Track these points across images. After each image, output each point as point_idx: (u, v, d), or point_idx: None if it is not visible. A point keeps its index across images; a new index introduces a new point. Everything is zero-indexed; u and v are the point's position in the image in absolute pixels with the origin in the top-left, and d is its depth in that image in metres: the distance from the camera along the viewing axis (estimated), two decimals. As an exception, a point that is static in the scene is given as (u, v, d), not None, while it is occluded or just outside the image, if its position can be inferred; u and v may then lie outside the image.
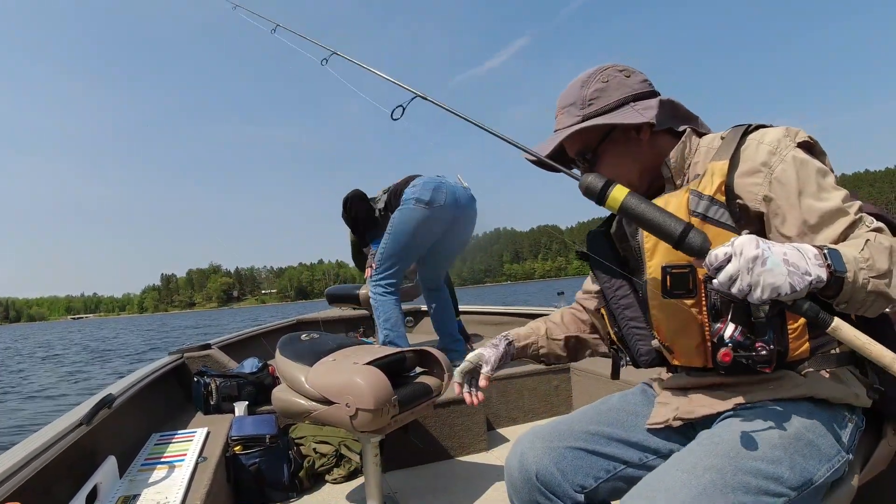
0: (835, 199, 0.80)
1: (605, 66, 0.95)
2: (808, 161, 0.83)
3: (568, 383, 2.53)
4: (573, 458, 0.92)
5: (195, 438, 1.70)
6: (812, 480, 0.75)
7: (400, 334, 2.69)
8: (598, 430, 0.95)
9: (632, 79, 0.94)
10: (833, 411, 0.81)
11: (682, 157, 0.92)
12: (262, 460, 1.75)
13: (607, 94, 0.92)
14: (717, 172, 0.84)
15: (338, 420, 1.40)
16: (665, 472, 0.78)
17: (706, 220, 0.83)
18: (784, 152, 0.83)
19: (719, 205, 0.83)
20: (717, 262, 0.69)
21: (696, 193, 0.84)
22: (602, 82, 0.93)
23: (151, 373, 2.00)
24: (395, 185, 2.82)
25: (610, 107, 0.92)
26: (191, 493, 1.31)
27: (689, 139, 0.93)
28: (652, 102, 0.91)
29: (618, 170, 0.95)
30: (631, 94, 0.92)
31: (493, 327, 3.87)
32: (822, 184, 0.82)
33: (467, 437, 2.12)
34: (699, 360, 0.89)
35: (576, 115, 0.94)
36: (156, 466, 1.47)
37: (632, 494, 0.76)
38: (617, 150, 0.95)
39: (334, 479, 1.89)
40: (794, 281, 0.66)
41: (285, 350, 1.62)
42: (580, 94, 0.94)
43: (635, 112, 0.90)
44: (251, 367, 2.21)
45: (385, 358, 1.53)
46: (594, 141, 0.95)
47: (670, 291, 0.82)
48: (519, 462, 0.94)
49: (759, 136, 0.86)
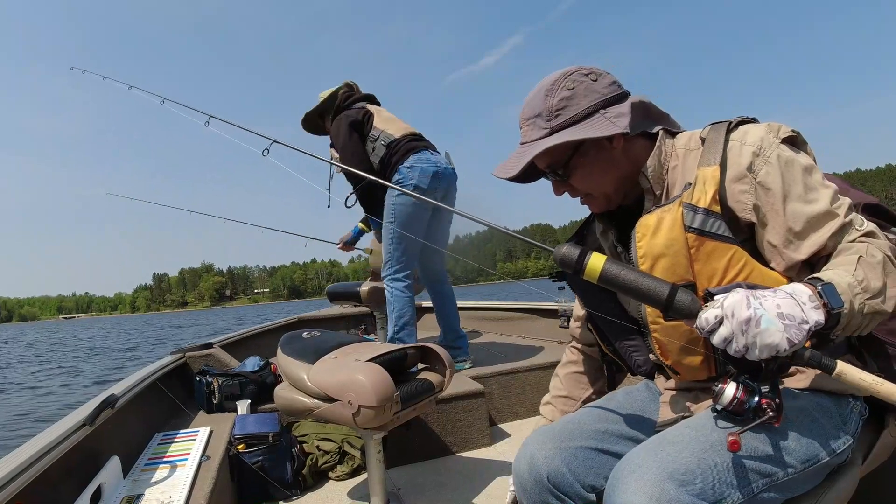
0: (822, 201, 0.78)
1: (570, 71, 0.87)
2: (793, 160, 0.80)
3: (569, 378, 2.53)
4: (584, 458, 0.90)
5: (198, 437, 1.70)
6: (818, 457, 0.76)
7: (410, 332, 2.57)
8: (606, 428, 0.94)
9: (599, 82, 0.86)
10: (837, 397, 0.82)
11: (659, 165, 0.88)
12: (265, 458, 1.75)
13: (575, 102, 0.84)
14: (709, 180, 0.80)
15: (340, 417, 1.40)
16: (675, 430, 0.79)
17: (703, 234, 0.79)
18: (768, 152, 0.80)
19: (716, 216, 0.79)
20: (709, 325, 0.68)
21: (689, 207, 0.80)
22: (568, 90, 0.85)
23: (153, 373, 2.00)
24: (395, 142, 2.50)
25: (579, 116, 0.84)
26: (195, 492, 1.31)
27: (663, 142, 0.89)
28: (623, 108, 0.84)
29: (591, 183, 0.90)
30: (600, 99, 0.85)
31: (492, 322, 3.87)
32: (808, 183, 0.79)
33: (470, 432, 2.13)
34: (703, 375, 0.88)
35: (542, 127, 0.86)
36: (159, 466, 1.47)
37: (643, 446, 0.77)
38: (589, 163, 0.88)
39: (337, 477, 1.90)
40: (792, 335, 0.65)
41: (287, 348, 1.63)
42: (545, 104, 0.86)
43: (607, 122, 0.83)
44: (253, 365, 2.21)
45: (387, 355, 1.53)
46: (564, 155, 0.88)
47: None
48: (529, 464, 0.91)
49: (740, 135, 0.82)
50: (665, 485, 0.69)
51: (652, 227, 0.83)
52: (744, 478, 0.72)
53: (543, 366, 2.48)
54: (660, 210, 0.83)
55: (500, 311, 3.85)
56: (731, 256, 0.79)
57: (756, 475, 0.72)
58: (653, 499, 0.68)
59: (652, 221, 0.83)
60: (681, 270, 0.81)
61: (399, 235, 2.50)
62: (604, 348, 1.04)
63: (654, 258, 0.82)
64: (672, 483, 0.69)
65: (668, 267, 0.81)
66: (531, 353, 2.76)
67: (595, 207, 0.95)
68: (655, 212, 0.83)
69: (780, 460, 0.73)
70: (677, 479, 0.70)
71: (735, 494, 0.71)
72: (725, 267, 0.79)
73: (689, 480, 0.70)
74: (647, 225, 0.83)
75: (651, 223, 0.83)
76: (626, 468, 0.74)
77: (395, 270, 2.56)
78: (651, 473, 0.71)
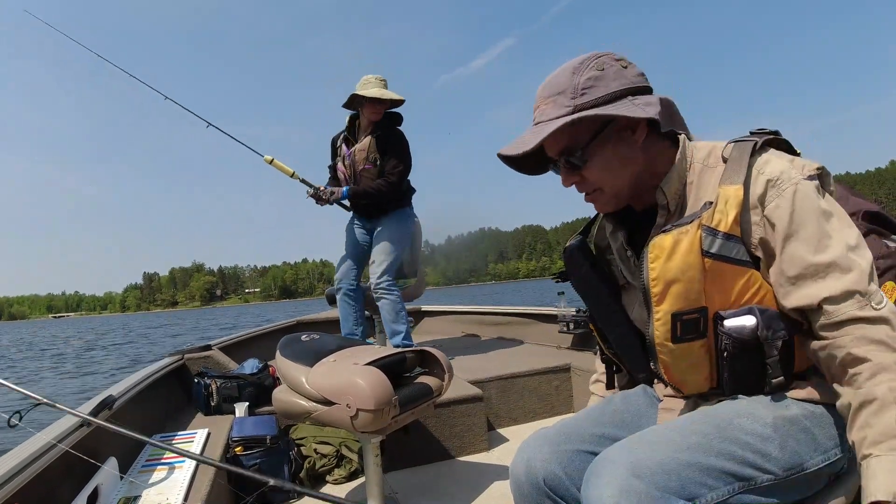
0: (832, 252, 0.72)
1: (600, 54, 0.82)
2: (809, 198, 0.74)
3: (568, 383, 2.53)
4: (581, 461, 0.89)
5: (196, 439, 1.70)
6: (803, 466, 0.75)
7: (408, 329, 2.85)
8: (603, 431, 0.93)
9: (629, 70, 0.82)
10: (835, 410, 0.82)
11: (678, 180, 0.83)
12: (262, 461, 1.75)
13: (604, 83, 0.79)
14: (731, 200, 0.76)
15: (338, 421, 1.40)
16: (654, 429, 0.79)
17: (721, 259, 0.76)
18: (784, 185, 0.75)
19: (735, 240, 0.76)
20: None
21: (709, 231, 0.76)
22: (598, 70, 0.80)
23: (152, 374, 2.00)
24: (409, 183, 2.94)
25: (606, 98, 0.79)
26: (191, 494, 1.31)
27: (684, 154, 0.84)
28: (653, 99, 0.80)
29: (608, 175, 0.84)
30: (630, 86, 0.80)
31: (491, 327, 3.86)
32: (822, 228, 0.73)
33: (468, 437, 2.12)
34: (706, 387, 0.87)
35: (565, 105, 0.80)
36: (156, 467, 1.47)
37: (619, 444, 0.77)
38: (609, 152, 0.82)
39: (335, 480, 1.89)
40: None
41: (285, 351, 1.62)
42: (571, 81, 0.80)
43: (637, 107, 0.78)
44: (251, 367, 2.21)
45: (385, 358, 1.53)
46: (585, 138, 0.82)
47: (681, 338, 0.80)
48: (526, 467, 0.91)
49: (761, 164, 0.78)
50: (634, 480, 0.69)
51: (668, 249, 0.78)
52: (719, 479, 0.72)
53: (542, 371, 2.48)
54: (677, 231, 0.78)
55: (499, 316, 3.85)
56: (746, 280, 0.77)
57: (732, 478, 0.73)
58: (622, 492, 0.69)
59: (668, 243, 0.78)
60: (693, 296, 0.79)
61: (399, 254, 2.87)
62: (604, 349, 1.04)
63: (667, 283, 0.79)
64: (642, 479, 0.70)
65: (682, 293, 0.79)
66: (530, 358, 2.75)
67: (601, 206, 0.90)
68: (672, 233, 0.79)
69: (759, 466, 0.73)
70: (648, 475, 0.70)
71: (709, 494, 0.71)
72: (740, 290, 0.78)
73: (660, 478, 0.70)
74: (663, 247, 0.79)
75: (667, 245, 0.78)
76: (599, 463, 0.74)
77: (392, 281, 2.85)
78: (622, 469, 0.71)
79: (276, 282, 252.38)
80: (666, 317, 0.81)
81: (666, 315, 0.81)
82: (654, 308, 0.82)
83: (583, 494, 0.74)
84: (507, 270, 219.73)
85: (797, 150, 0.86)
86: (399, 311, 2.81)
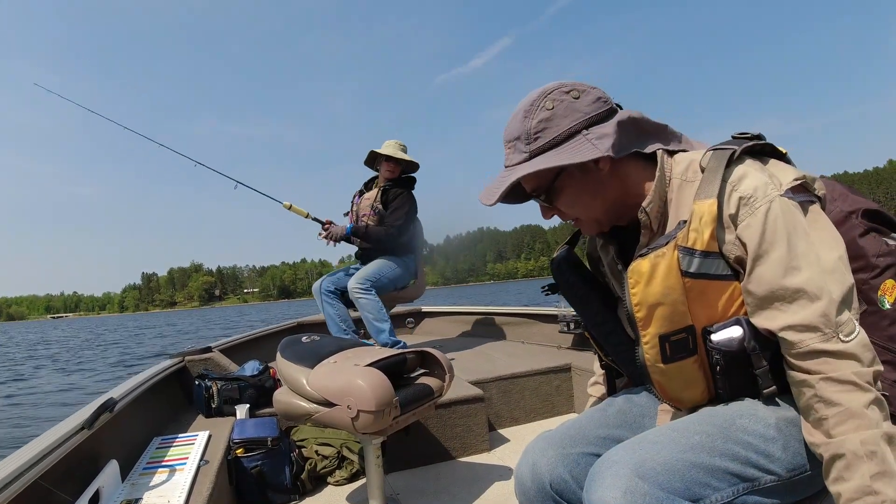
0: (802, 276, 0.70)
1: (550, 89, 0.81)
2: (785, 216, 0.72)
3: (569, 383, 2.53)
4: (586, 464, 0.88)
5: (197, 442, 1.70)
6: (805, 466, 0.75)
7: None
8: (608, 433, 0.93)
9: (582, 100, 0.80)
10: None
11: (658, 199, 0.82)
12: (263, 463, 1.75)
13: (554, 123, 0.79)
14: (705, 217, 0.74)
15: (339, 422, 1.40)
16: (657, 429, 0.79)
17: (701, 277, 0.75)
18: (757, 204, 0.73)
19: (713, 256, 0.75)
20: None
21: (685, 251, 0.75)
22: (547, 110, 0.80)
23: (152, 376, 1.99)
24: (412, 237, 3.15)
25: (559, 139, 0.79)
26: (193, 497, 1.31)
27: (662, 170, 0.81)
28: (608, 128, 0.78)
29: (578, 208, 0.85)
30: (583, 119, 0.79)
31: (492, 327, 3.86)
32: (794, 249, 0.71)
33: (469, 437, 2.12)
34: (703, 400, 0.86)
35: (522, 151, 0.81)
36: (157, 470, 1.47)
37: (622, 445, 0.77)
38: (574, 187, 0.83)
39: (336, 481, 1.89)
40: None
41: (286, 352, 1.62)
42: (523, 126, 0.81)
43: (589, 144, 0.77)
44: (252, 369, 2.21)
45: (386, 359, 1.53)
46: (547, 180, 0.83)
47: (671, 357, 0.80)
48: (531, 471, 0.90)
49: (735, 179, 0.75)
50: (638, 481, 0.69)
51: (646, 274, 0.78)
52: (723, 480, 0.72)
53: (543, 371, 2.48)
54: (653, 255, 0.77)
55: (499, 317, 3.85)
56: (730, 293, 0.76)
57: (736, 479, 0.72)
58: (626, 493, 0.68)
59: (645, 268, 0.78)
60: (678, 317, 0.78)
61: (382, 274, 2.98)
62: (602, 356, 1.04)
63: (650, 307, 0.79)
64: (646, 479, 0.69)
65: (666, 315, 0.78)
66: (531, 358, 2.75)
67: (585, 230, 0.92)
68: (649, 257, 0.78)
69: (763, 467, 0.73)
70: (652, 476, 0.70)
71: (713, 496, 0.71)
72: (725, 304, 0.77)
73: (665, 479, 0.70)
74: (641, 272, 0.79)
75: (644, 270, 0.78)
76: (603, 464, 0.74)
77: (367, 284, 2.92)
78: (626, 469, 0.71)
79: (274, 282, 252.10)
80: (654, 339, 0.81)
81: (653, 338, 0.80)
82: (640, 332, 0.82)
83: (586, 496, 0.74)
84: (506, 270, 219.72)
85: (783, 150, 0.83)
86: (379, 310, 2.90)
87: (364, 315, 2.91)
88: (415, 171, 3.22)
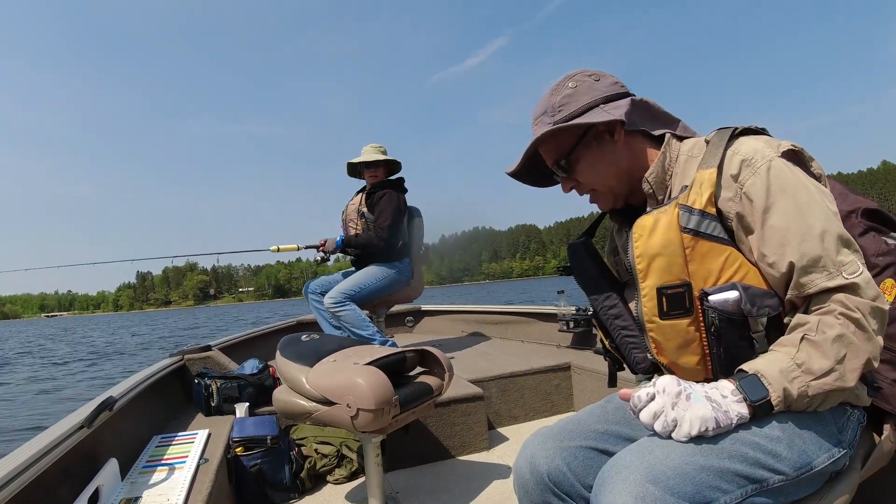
0: (809, 220, 0.76)
1: (574, 73, 0.95)
2: (784, 172, 0.79)
3: (569, 381, 2.54)
4: (584, 457, 0.90)
5: (196, 440, 1.70)
6: (811, 464, 0.76)
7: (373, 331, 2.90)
8: (606, 428, 0.94)
9: (601, 82, 0.93)
10: (835, 406, 0.82)
11: (662, 171, 0.90)
12: (263, 461, 1.75)
13: (576, 98, 0.91)
14: (705, 182, 0.82)
15: (339, 420, 1.40)
16: None
17: (699, 235, 0.81)
18: (758, 163, 0.80)
19: (711, 217, 0.81)
20: (641, 402, 0.73)
21: (685, 208, 0.82)
22: (570, 88, 0.92)
23: (152, 375, 2.00)
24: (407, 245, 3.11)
25: (579, 111, 0.91)
26: (192, 495, 1.31)
27: (669, 147, 0.91)
28: (622, 103, 0.90)
29: (594, 175, 0.94)
30: (600, 96, 0.91)
31: (491, 326, 3.87)
32: (798, 199, 0.78)
33: (468, 436, 2.12)
34: (700, 376, 0.87)
35: (547, 123, 0.93)
36: (157, 468, 1.47)
37: (630, 449, 0.77)
38: (591, 155, 0.93)
39: (336, 480, 1.90)
40: (720, 416, 0.71)
41: (286, 351, 1.62)
42: (550, 101, 0.93)
43: (604, 112, 0.89)
44: (252, 368, 2.21)
45: (386, 358, 1.53)
46: (567, 147, 0.93)
47: (667, 313, 0.83)
48: (530, 463, 0.92)
49: (736, 145, 0.84)
50: (649, 486, 0.69)
51: (648, 227, 0.84)
52: (732, 482, 0.72)
53: (542, 370, 2.48)
54: (656, 211, 0.85)
55: (499, 315, 3.85)
56: (726, 258, 0.81)
57: (745, 480, 0.73)
58: (637, 499, 0.68)
59: (649, 222, 0.85)
60: (676, 270, 0.82)
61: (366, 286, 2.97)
62: (606, 344, 1.04)
63: (651, 258, 0.84)
64: (657, 484, 0.69)
65: (664, 266, 0.83)
66: (530, 357, 2.76)
67: (602, 204, 0.98)
68: (652, 213, 0.85)
69: (771, 467, 0.73)
70: (663, 481, 0.70)
71: (723, 498, 0.71)
72: (721, 268, 0.81)
73: (675, 483, 0.70)
74: (644, 226, 0.85)
75: (648, 224, 0.85)
76: (612, 469, 0.74)
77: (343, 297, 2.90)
78: (636, 475, 0.71)
79: (269, 281, 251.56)
80: (651, 291, 0.84)
81: (651, 290, 0.84)
82: (640, 284, 0.86)
83: (594, 501, 0.74)
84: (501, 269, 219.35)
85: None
86: (357, 318, 2.88)
87: (344, 326, 2.92)
88: (398, 170, 3.20)
